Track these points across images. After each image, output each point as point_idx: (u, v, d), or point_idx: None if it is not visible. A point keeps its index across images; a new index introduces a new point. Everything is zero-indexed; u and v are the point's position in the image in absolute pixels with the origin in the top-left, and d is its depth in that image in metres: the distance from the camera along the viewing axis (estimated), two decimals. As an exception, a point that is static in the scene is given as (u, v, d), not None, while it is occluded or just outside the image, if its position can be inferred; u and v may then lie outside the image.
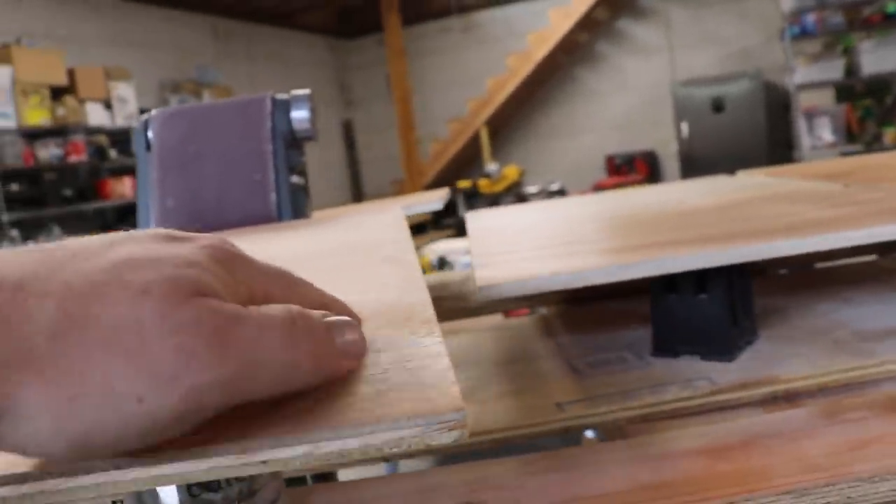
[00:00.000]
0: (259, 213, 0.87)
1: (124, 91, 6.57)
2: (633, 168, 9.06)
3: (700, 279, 0.60)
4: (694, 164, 8.25)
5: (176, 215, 0.89)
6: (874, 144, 4.92)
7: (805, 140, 4.97)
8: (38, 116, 5.78)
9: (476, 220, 0.94)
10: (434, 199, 1.03)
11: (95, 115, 6.24)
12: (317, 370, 0.25)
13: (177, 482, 0.23)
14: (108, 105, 6.43)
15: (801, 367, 0.57)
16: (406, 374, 0.26)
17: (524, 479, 0.42)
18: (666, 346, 0.62)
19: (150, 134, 0.93)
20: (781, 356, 0.60)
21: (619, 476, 0.41)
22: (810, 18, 4.81)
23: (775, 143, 8.02)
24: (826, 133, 4.91)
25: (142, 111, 6.74)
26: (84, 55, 6.52)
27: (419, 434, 0.23)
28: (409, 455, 0.87)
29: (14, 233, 5.50)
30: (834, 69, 4.88)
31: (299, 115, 0.90)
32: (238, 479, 0.35)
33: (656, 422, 0.52)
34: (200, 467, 0.22)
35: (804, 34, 4.91)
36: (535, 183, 7.62)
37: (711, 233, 0.63)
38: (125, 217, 6.74)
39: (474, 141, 9.18)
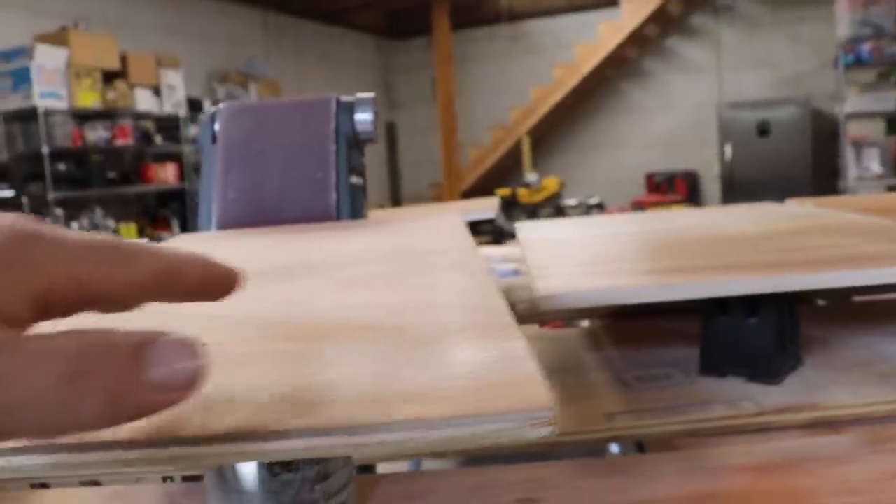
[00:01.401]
0: (319, 211, 0.90)
1: (173, 79, 6.69)
2: (673, 187, 9.02)
3: (751, 304, 0.62)
4: (735, 188, 8.20)
5: (237, 207, 0.92)
6: (921, 179, 4.87)
7: (851, 170, 4.92)
8: (89, 99, 5.90)
9: (528, 231, 0.96)
10: (486, 208, 1.05)
11: (144, 101, 6.36)
12: (111, 411, 0.21)
13: (287, 458, 0.26)
14: (156, 91, 6.54)
15: (844, 395, 0.59)
16: (497, 373, 0.28)
17: (579, 481, 0.44)
18: (713, 365, 0.64)
19: (216, 126, 0.96)
20: (824, 384, 0.62)
21: (670, 485, 0.43)
22: (866, 47, 4.77)
23: (820, 172, 7.94)
24: (874, 164, 4.86)
25: (189, 100, 6.87)
26: (136, 41, 6.64)
27: (515, 428, 0.25)
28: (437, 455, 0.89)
29: (59, 211, 5.62)
30: (886, 100, 4.83)
31: (363, 117, 0.93)
32: (315, 462, 0.37)
33: (702, 437, 0.54)
34: (315, 444, 0.24)
35: (858, 63, 4.86)
36: (573, 196, 7.62)
37: (766, 259, 0.64)
38: (166, 202, 6.86)
39: (515, 149, 9.19)
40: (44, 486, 0.51)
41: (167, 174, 6.58)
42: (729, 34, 9.01)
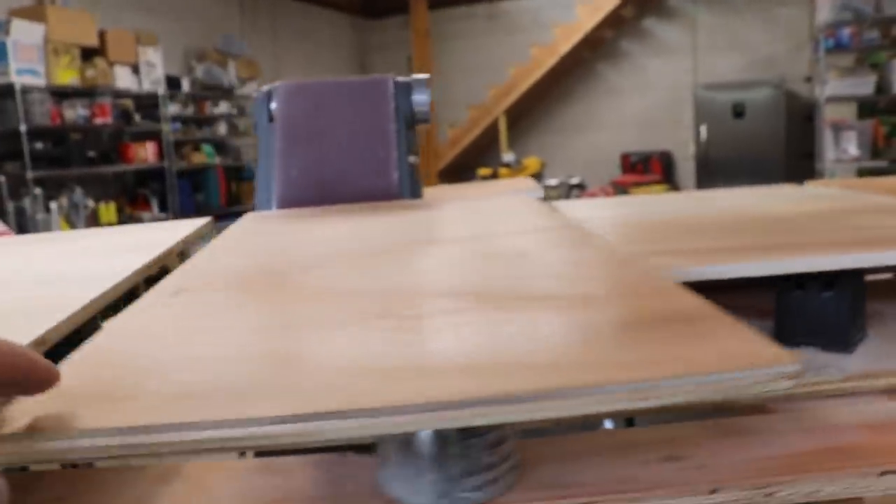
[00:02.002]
0: (382, 190, 0.92)
1: (152, 56, 6.61)
2: (649, 168, 9.10)
3: (828, 279, 0.65)
4: (710, 168, 8.31)
5: (299, 185, 0.94)
6: (898, 161, 4.99)
7: (829, 152, 5.01)
8: (67, 76, 5.81)
9: (573, 211, 0.99)
10: (528, 188, 1.08)
11: (123, 79, 6.28)
12: None
13: (548, 415, 0.29)
14: (135, 69, 6.46)
15: (917, 364, 0.63)
16: (732, 337, 0.31)
17: (712, 440, 0.47)
18: (787, 336, 0.68)
19: (272, 105, 0.98)
20: (892, 353, 0.66)
21: (794, 442, 0.47)
22: (846, 32, 4.85)
23: (793, 154, 8.07)
24: (851, 147, 4.96)
25: (168, 77, 6.79)
26: (113, 18, 6.55)
27: (766, 379, 0.28)
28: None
29: (37, 191, 5.55)
30: (865, 85, 4.92)
31: (420, 98, 0.95)
32: (495, 426, 0.40)
33: (795, 402, 0.58)
34: (598, 403, 0.27)
35: (839, 47, 4.95)
36: (552, 176, 7.67)
37: (836, 237, 0.68)
38: (145, 181, 6.79)
39: (492, 129, 9.22)
40: (74, 466, 0.53)
41: (147, 153, 6.51)
42: (705, 16, 9.08)
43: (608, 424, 1.07)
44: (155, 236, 0.83)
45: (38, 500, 0.41)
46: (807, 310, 0.66)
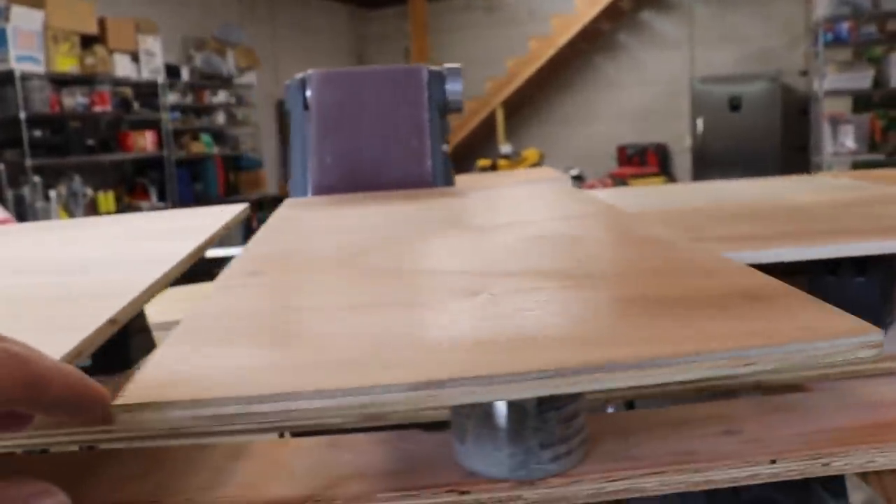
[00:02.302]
0: (416, 178, 0.94)
1: (152, 45, 6.60)
2: (645, 160, 9.13)
3: (860, 264, 0.68)
4: (706, 161, 8.34)
5: (334, 173, 0.96)
6: (895, 155, 5.03)
7: (828, 146, 5.06)
8: (66, 64, 5.81)
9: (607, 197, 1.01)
10: (555, 178, 1.10)
11: (122, 67, 6.28)
12: None
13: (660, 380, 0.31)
14: (135, 57, 6.46)
15: (947, 346, 0.65)
16: (810, 311, 0.33)
17: (763, 416, 0.49)
18: (820, 321, 0.70)
19: (307, 93, 1.00)
20: (921, 337, 0.69)
21: (841, 417, 0.49)
22: (844, 26, 4.89)
23: (789, 147, 8.11)
24: (849, 140, 5.01)
25: (167, 66, 6.79)
26: (112, 6, 6.53)
27: (851, 348, 0.31)
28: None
29: (36, 179, 5.54)
30: (863, 79, 4.96)
31: (454, 87, 0.97)
32: (572, 398, 0.42)
33: (832, 381, 0.60)
34: (702, 369, 0.30)
35: (837, 41, 4.99)
36: (550, 167, 7.69)
37: (864, 226, 0.70)
38: (143, 171, 6.79)
39: (490, 120, 9.23)
40: (91, 447, 0.54)
41: (146, 142, 6.51)
42: (701, 9, 9.10)
43: (610, 409, 1.09)
44: (197, 223, 0.85)
45: (109, 478, 0.42)
46: (840, 295, 0.69)
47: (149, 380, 0.30)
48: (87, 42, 6.02)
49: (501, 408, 0.40)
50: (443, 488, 0.39)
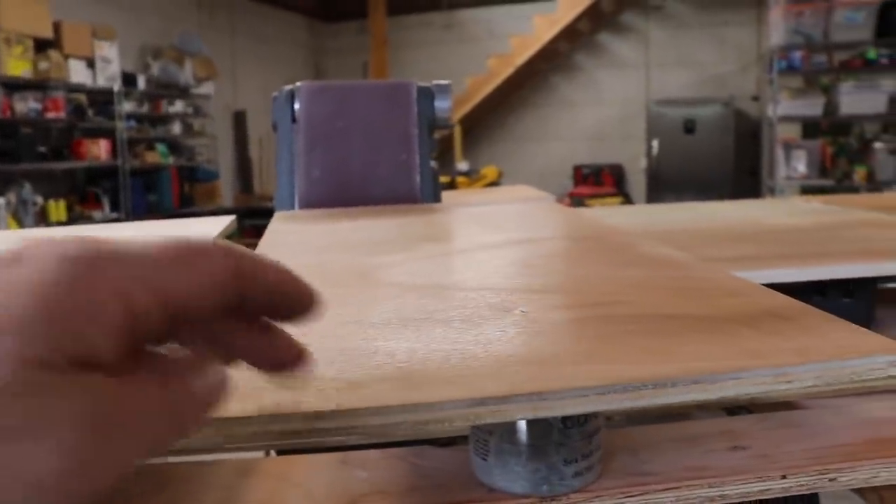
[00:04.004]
0: (404, 193, 0.95)
1: (108, 51, 6.50)
2: (601, 180, 9.25)
3: (847, 286, 0.70)
4: (660, 182, 8.48)
5: (321, 186, 0.96)
6: (844, 181, 5.18)
7: (781, 170, 5.19)
8: (19, 68, 5.68)
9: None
10: (533, 195, 1.11)
11: (78, 73, 6.16)
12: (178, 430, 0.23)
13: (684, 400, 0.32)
14: (90, 64, 6.35)
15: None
16: (839, 330, 0.34)
17: (767, 432, 0.51)
18: (806, 340, 0.72)
19: (296, 105, 1.00)
20: (905, 357, 0.71)
21: (843, 434, 0.51)
22: (797, 55, 5.03)
23: (741, 170, 8.29)
24: (801, 165, 5.15)
25: (124, 73, 6.68)
26: (69, 10, 6.42)
27: (885, 366, 0.32)
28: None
29: (-14, 185, 5.41)
30: (815, 106, 5.11)
31: (442, 104, 0.98)
32: (595, 416, 0.42)
33: (820, 399, 0.62)
34: (747, 385, 0.30)
35: (790, 69, 5.13)
36: (508, 185, 7.74)
37: (853, 248, 0.73)
38: (96, 180, 6.66)
39: (446, 138, 9.27)
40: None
41: (100, 150, 6.39)
42: (658, 33, 9.28)
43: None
44: (188, 232, 0.84)
45: (124, 497, 0.41)
46: (827, 315, 0.71)
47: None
48: (42, 46, 5.90)
49: (524, 423, 0.40)
50: (465, 505, 0.39)
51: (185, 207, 7.30)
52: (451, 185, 6.78)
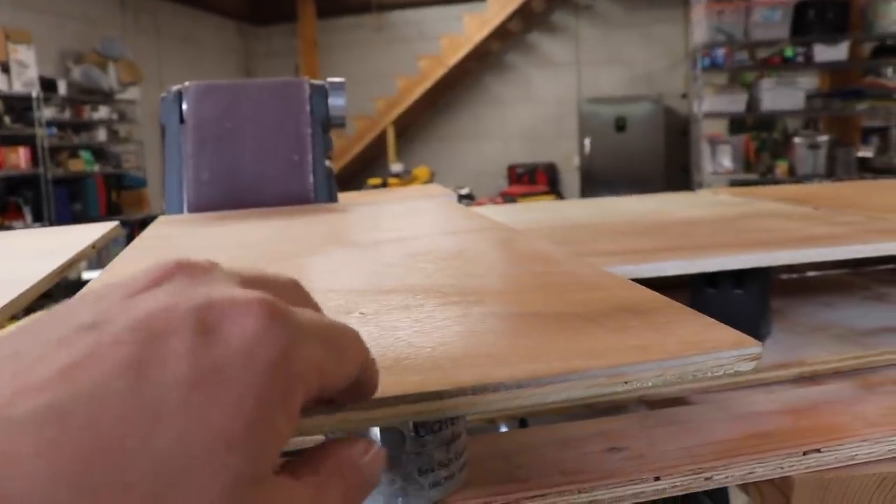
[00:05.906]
0: (297, 194, 0.91)
1: (24, 55, 6.28)
2: (535, 179, 9.31)
3: (738, 277, 0.69)
4: (594, 180, 8.57)
5: (211, 189, 0.92)
6: (768, 175, 5.29)
7: (707, 165, 5.28)
8: (-70, 75, 5.47)
9: (487, 215, 1.01)
10: (443, 194, 1.09)
11: (-8, 79, 5.96)
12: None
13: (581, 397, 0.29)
14: (5, 68, 6.14)
15: (821, 353, 0.67)
16: (689, 324, 0.32)
17: (646, 431, 0.49)
18: (700, 334, 0.71)
19: (184, 106, 0.95)
20: (799, 344, 0.70)
21: (722, 429, 0.49)
22: (720, 52, 5.13)
23: (672, 166, 8.43)
24: (726, 160, 5.24)
25: (42, 79, 6.48)
26: (-19, 15, 6.21)
27: (730, 362, 0.30)
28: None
29: None
30: (738, 102, 5.21)
31: (336, 102, 0.95)
32: (451, 422, 0.40)
33: (711, 393, 0.61)
34: (579, 388, 0.28)
35: (714, 66, 5.22)
36: (442, 186, 7.73)
37: (746, 239, 0.72)
38: (17, 189, 6.44)
39: (379, 139, 9.22)
40: None
41: (19, 158, 6.18)
42: (588, 31, 9.38)
43: (503, 428, 1.09)
44: (62, 239, 0.80)
45: None
46: (720, 307, 0.70)
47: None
48: (-46, 52, 5.69)
49: (375, 433, 0.38)
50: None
51: (112, 216, 7.11)
52: (384, 186, 6.73)
